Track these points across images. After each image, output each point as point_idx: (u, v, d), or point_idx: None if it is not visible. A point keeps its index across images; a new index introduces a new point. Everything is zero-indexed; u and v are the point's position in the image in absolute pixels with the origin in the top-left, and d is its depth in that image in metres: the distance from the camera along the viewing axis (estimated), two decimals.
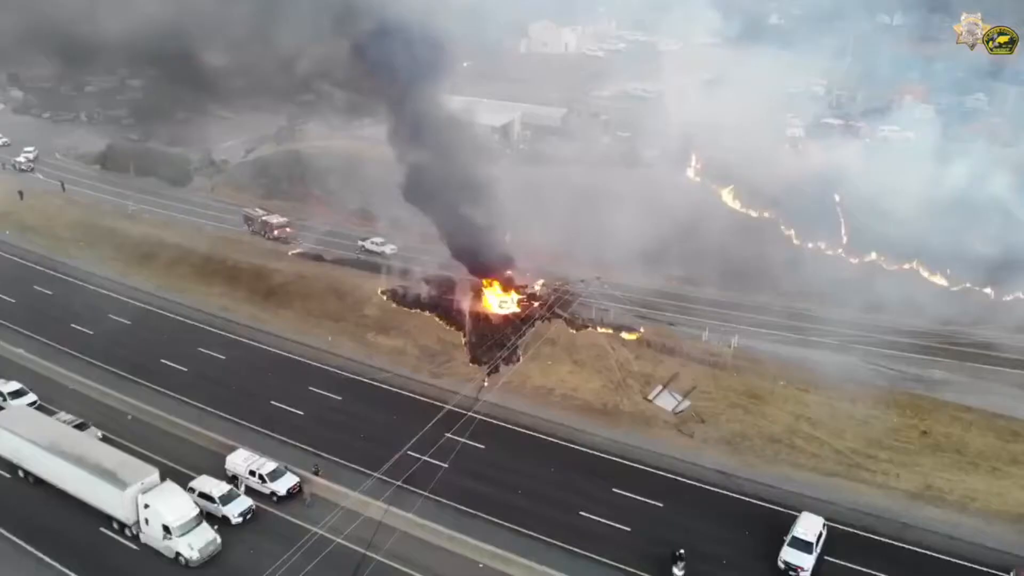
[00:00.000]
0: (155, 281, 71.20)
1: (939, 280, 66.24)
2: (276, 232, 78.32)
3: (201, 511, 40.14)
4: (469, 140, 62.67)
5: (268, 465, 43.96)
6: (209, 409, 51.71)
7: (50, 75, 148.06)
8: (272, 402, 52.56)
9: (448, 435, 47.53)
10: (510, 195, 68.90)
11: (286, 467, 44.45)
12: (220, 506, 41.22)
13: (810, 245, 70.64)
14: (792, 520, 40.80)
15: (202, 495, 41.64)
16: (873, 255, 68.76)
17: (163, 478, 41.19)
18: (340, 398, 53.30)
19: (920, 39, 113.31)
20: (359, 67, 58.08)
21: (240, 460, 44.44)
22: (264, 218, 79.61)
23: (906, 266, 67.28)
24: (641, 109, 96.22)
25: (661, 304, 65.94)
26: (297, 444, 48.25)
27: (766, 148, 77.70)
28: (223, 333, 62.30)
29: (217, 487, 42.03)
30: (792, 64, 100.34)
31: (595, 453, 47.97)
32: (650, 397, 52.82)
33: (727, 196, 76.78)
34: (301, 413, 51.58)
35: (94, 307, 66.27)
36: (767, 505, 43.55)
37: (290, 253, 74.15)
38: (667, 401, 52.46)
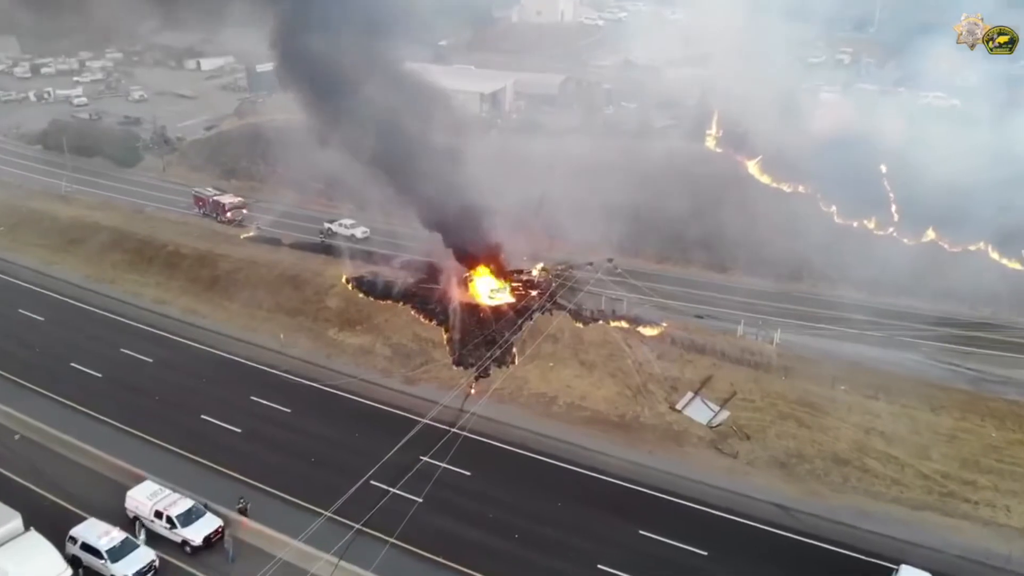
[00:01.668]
0: (82, 270, 60.20)
1: (1013, 264, 55.84)
2: (229, 214, 67.34)
3: (78, 571, 29.25)
4: (443, 99, 51.80)
5: (180, 504, 33.01)
6: (121, 426, 40.93)
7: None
8: (203, 416, 41.74)
9: (424, 458, 37.04)
10: (500, 168, 58.81)
11: (205, 506, 33.51)
12: (108, 563, 30.28)
13: (855, 224, 60.08)
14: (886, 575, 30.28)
15: (85, 547, 30.78)
16: (931, 234, 58.33)
17: (28, 525, 30.32)
18: (289, 410, 42.41)
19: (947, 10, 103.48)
20: None
21: (144, 497, 33.46)
22: (215, 198, 68.58)
23: (971, 247, 56.83)
24: (648, 78, 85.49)
25: (683, 293, 55.22)
26: (227, 472, 37.39)
27: (796, 116, 67.11)
28: (153, 330, 51.37)
29: (107, 536, 31.03)
30: (812, 34, 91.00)
31: (613, 481, 37.25)
32: (678, 407, 42.21)
33: (754, 168, 66.17)
34: (238, 430, 40.71)
35: (2, 301, 55.23)
36: (845, 552, 32.90)
37: (242, 237, 63.11)
38: (700, 412, 41.85)
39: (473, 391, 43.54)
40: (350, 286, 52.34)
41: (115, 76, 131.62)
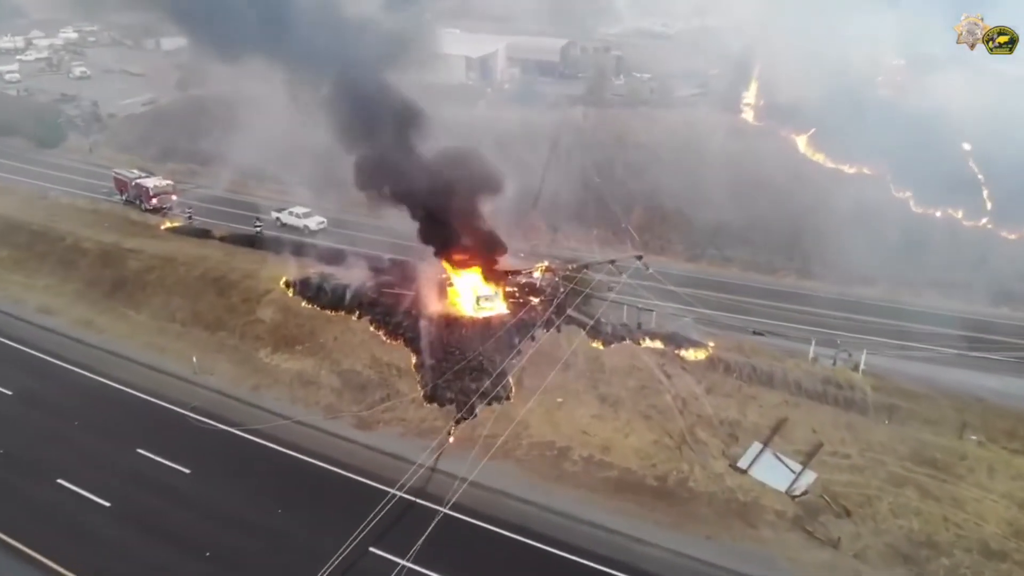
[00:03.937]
0: None
1: None
2: (155, 200, 54.44)
3: None
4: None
5: None
6: None
7: None
8: (59, 481, 28.92)
9: (377, 552, 24.38)
10: (491, 143, 46.68)
11: None
12: None
13: (938, 214, 48.07)
14: None
15: None
16: None
17: None
18: (188, 471, 29.65)
19: None
20: None
21: None
22: (138, 181, 55.60)
23: None
24: (665, 46, 73.40)
25: (725, 301, 42.96)
26: None
27: (852, 84, 55.06)
28: (27, 350, 38.54)
29: None
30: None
31: None
32: (742, 464, 29.82)
33: (804, 145, 53.94)
34: (106, 504, 27.93)
35: None
36: None
37: (163, 227, 50.20)
38: (774, 473, 29.48)
39: (452, 439, 31.05)
40: (291, 291, 39.58)
41: (60, 54, 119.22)
